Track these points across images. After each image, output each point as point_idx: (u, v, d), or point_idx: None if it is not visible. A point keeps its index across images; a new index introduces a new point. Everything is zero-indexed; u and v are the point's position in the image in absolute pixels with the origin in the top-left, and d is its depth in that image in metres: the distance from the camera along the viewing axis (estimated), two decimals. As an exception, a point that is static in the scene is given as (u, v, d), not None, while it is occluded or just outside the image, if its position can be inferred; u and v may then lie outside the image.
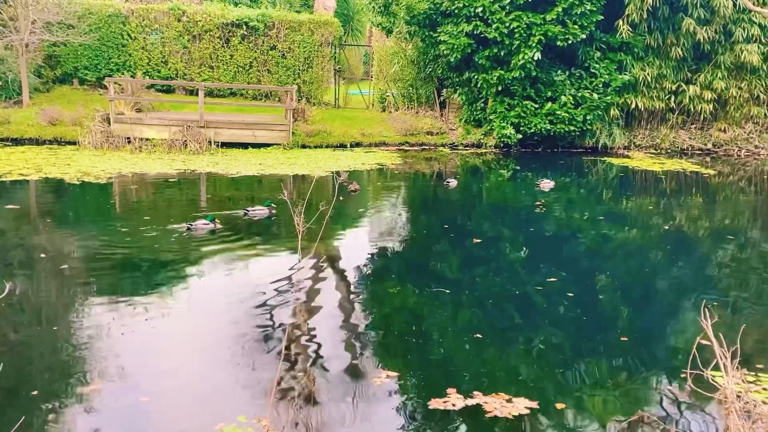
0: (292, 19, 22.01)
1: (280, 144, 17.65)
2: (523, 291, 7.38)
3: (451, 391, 4.80)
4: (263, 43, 21.76)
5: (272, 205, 10.51)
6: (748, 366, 5.35)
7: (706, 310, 4.32)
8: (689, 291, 7.78)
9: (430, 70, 20.62)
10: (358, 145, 18.98)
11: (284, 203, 8.90)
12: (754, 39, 19.26)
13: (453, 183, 14.13)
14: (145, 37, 21.32)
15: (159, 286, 7.10)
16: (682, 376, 4.98)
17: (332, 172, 14.45)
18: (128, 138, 16.52)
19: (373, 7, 21.38)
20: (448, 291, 7.15)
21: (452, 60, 18.58)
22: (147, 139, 16.56)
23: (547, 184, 14.05)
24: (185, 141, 16.44)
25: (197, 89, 17.91)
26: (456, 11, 18.04)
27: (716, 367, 4.55)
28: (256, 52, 21.80)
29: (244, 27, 21.46)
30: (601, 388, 5.08)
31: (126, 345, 5.53)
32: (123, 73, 20.60)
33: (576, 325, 6.43)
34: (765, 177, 17.11)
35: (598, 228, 10.99)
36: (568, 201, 13.26)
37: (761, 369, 5.32)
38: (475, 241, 9.41)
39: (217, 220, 9.50)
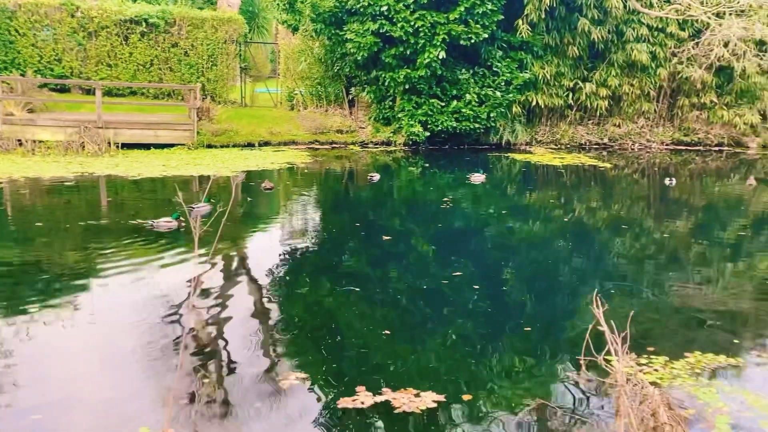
0: (194, 15, 21.41)
1: (184, 144, 17.16)
2: (431, 286, 7.49)
3: (360, 389, 4.81)
4: (164, 40, 21.04)
5: (212, 201, 10.38)
6: (641, 349, 5.66)
7: (598, 298, 4.53)
8: (589, 280, 8.13)
9: (338, 68, 20.60)
10: (266, 144, 18.72)
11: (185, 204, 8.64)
12: (643, 39, 20.40)
13: (376, 177, 14.35)
14: (35, 34, 20.13)
15: (56, 294, 6.73)
16: (580, 362, 5.20)
17: (234, 173, 14.17)
18: (19, 140, 15.58)
19: (278, 4, 21.17)
20: (357, 289, 7.16)
21: (359, 58, 18.65)
22: (40, 141, 15.68)
23: (477, 178, 14.45)
24: (82, 143, 15.70)
25: (94, 88, 17.11)
26: (361, 9, 18.10)
27: (610, 353, 4.79)
28: (157, 49, 21.06)
29: (144, 24, 20.67)
30: (505, 378, 5.23)
31: (19, 359, 5.21)
32: (11, 72, 19.38)
33: (482, 317, 6.59)
34: (656, 169, 18.15)
35: (504, 222, 11.32)
36: (474, 196, 13.58)
37: (652, 352, 5.62)
38: (385, 238, 9.47)
39: (181, 219, 9.33)
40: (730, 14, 20.10)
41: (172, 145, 17.06)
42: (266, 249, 9.04)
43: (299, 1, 19.81)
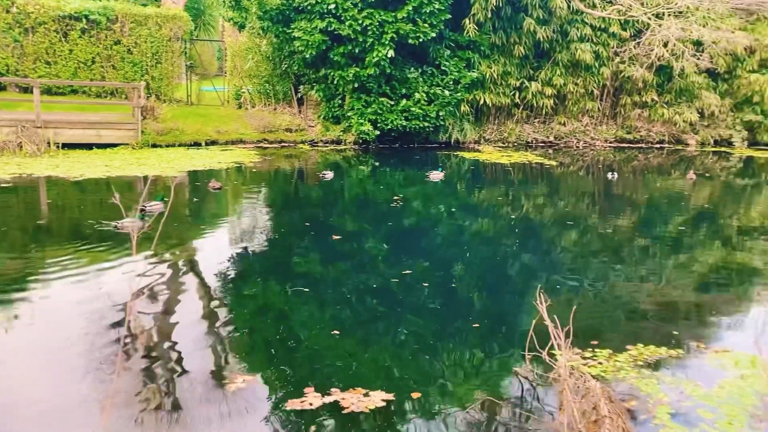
0: (137, 12, 20.86)
1: (128, 144, 16.71)
2: (381, 285, 7.48)
3: (309, 390, 4.76)
4: (106, 37, 20.44)
5: (165, 199, 10.21)
6: (587, 343, 5.77)
7: (540, 293, 4.59)
8: (537, 275, 8.26)
9: (286, 66, 20.41)
10: (213, 143, 18.42)
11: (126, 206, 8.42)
12: (586, 38, 20.85)
13: (329, 175, 14.33)
14: (-32, 30, 19.31)
15: (-12, 302, 6.46)
16: (527, 358, 5.27)
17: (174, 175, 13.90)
18: (-50, 141, 14.93)
19: (224, 1, 20.82)
20: (307, 289, 7.10)
21: (308, 56, 18.51)
22: (-26, 142, 15.05)
23: (436, 175, 14.60)
24: (20, 143, 15.11)
25: (32, 86, 16.50)
26: (309, 7, 17.96)
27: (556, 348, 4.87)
28: (98, 46, 20.43)
29: (84, 20, 20.02)
30: (454, 375, 5.26)
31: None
32: (-59, 69, 18.55)
33: (432, 314, 6.61)
34: (600, 167, 18.58)
35: (453, 220, 11.40)
36: (424, 195, 13.65)
37: (597, 345, 5.74)
38: (335, 237, 9.42)
39: (146, 219, 9.21)
40: (669, 15, 20.73)
41: (115, 145, 16.60)
42: (215, 250, 8.88)
43: (246, -2, 19.55)
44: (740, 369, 5.32)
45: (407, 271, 7.86)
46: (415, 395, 4.80)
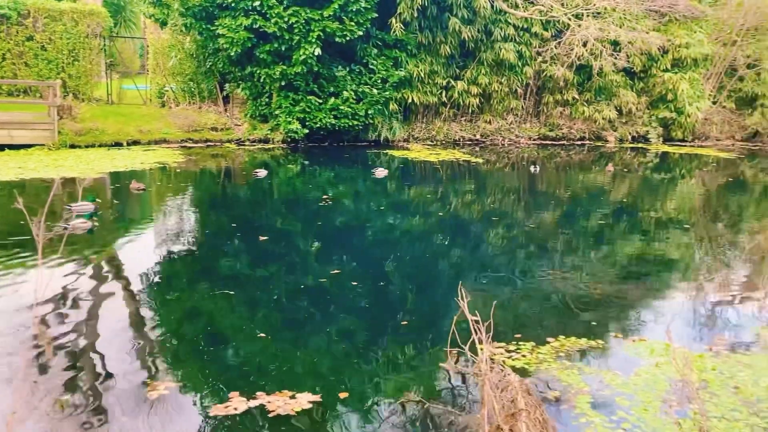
0: (51, 7, 19.97)
1: (44, 145, 15.98)
2: (310, 285, 7.42)
3: (233, 394, 4.66)
4: (18, 33, 19.49)
5: (97, 200, 10.07)
6: (511, 336, 5.89)
7: (462, 290, 4.65)
8: (465, 271, 8.38)
9: (211, 63, 19.99)
10: (136, 143, 17.86)
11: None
12: (510, 38, 21.32)
13: (262, 173, 14.25)
14: None
15: None
16: (449, 354, 5.33)
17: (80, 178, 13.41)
18: None
19: (145, -3, 20.20)
20: (233, 292, 6.96)
21: (233, 54, 18.19)
22: None
23: (381, 172, 14.83)
24: None
25: (-64, 84, 15.57)
26: (233, 4, 17.65)
27: (480, 343, 4.95)
28: (9, 42, 19.47)
29: (-7, 14, 19.05)
30: (381, 373, 5.26)
31: None
32: None
33: (360, 313, 6.60)
34: (524, 163, 19.03)
35: (383, 218, 11.43)
36: (354, 193, 13.64)
37: (520, 338, 5.86)
38: (262, 238, 9.28)
39: (94, 218, 9.23)
40: (588, 16, 21.46)
41: (30, 146, 15.86)
42: (138, 253, 8.59)
43: (167, -6, 19.04)
44: (655, 357, 5.55)
45: (336, 271, 7.83)
46: (343, 395, 4.78)
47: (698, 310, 7.13)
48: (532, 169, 16.74)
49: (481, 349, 4.07)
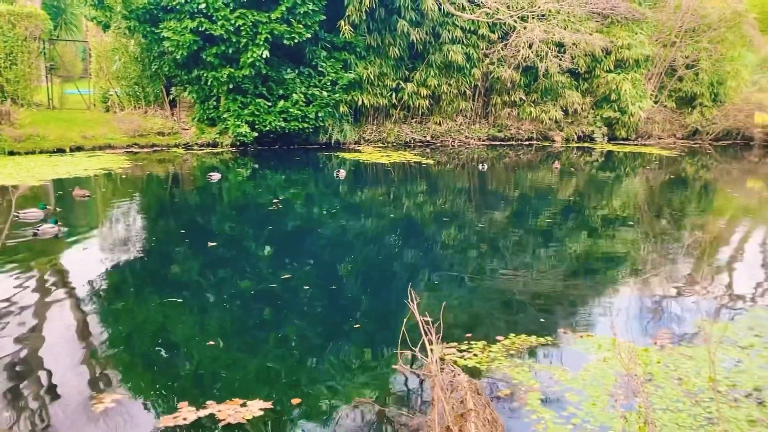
0: (-13, 9, 19.27)
1: (-20, 152, 15.40)
2: (260, 291, 7.33)
3: (182, 404, 4.57)
4: (-50, 35, 18.74)
5: (47, 207, 9.94)
6: (462, 336, 5.93)
7: (411, 291, 4.67)
8: (417, 273, 8.40)
9: (156, 67, 19.60)
10: (79, 149, 17.38)
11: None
12: (458, 40, 21.53)
13: (215, 177, 14.15)
14: None
15: None
16: (400, 356, 5.34)
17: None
18: None
19: (86, 0, 19.66)
20: (180, 300, 6.82)
21: (179, 57, 17.87)
22: None
23: (342, 173, 15.23)
24: None
25: None
26: (178, 7, 17.36)
27: (432, 344, 4.97)
28: (-58, 46, 18.70)
29: (-77, 17, 18.26)
30: (333, 378, 5.23)
31: None
32: None
33: (312, 318, 6.55)
34: (474, 164, 19.24)
35: (335, 220, 11.38)
36: (305, 196, 13.55)
37: (471, 338, 5.91)
38: (210, 244, 9.13)
39: (60, 223, 9.18)
40: (533, 18, 21.85)
41: (-35, 154, 15.28)
42: (83, 262, 8.32)
43: (109, -4, 18.55)
44: (602, 352, 5.67)
45: (287, 276, 7.75)
46: (296, 401, 4.73)
47: (644, 304, 7.32)
48: (480, 167, 17.17)
49: (431, 351, 4.08)
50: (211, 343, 5.73)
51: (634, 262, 9.15)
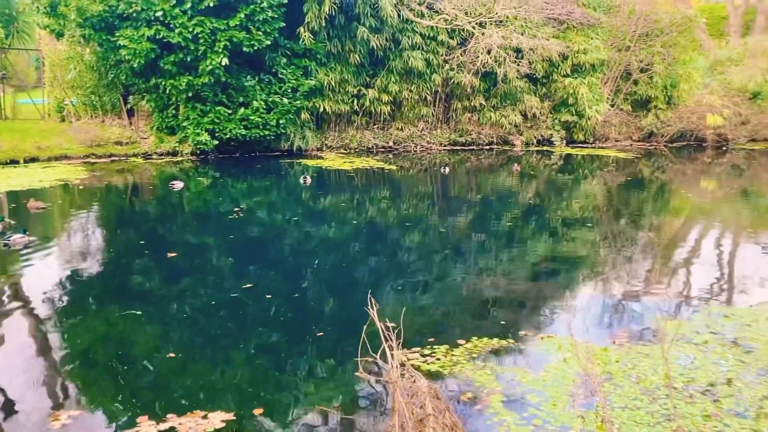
0: (-66, 17, 18.73)
1: (-71, 165, 14.94)
2: (221, 301, 7.25)
3: (142, 419, 4.49)
4: None
5: (6, 219, 9.86)
6: (425, 341, 5.96)
7: (371, 299, 4.68)
8: (381, 278, 8.41)
9: (113, 76, 19.28)
10: (33, 160, 17.00)
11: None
12: (417, 47, 21.66)
13: (178, 185, 13.96)
14: None
15: None
16: (360, 363, 5.34)
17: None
18: None
19: (38, 7, 19.24)
20: (139, 312, 6.71)
21: (136, 66, 17.60)
22: None
23: (306, 180, 15.25)
24: None
25: None
26: (134, 15, 17.10)
27: (397, 350, 5.00)
28: None
29: None
30: (295, 387, 5.20)
31: None
32: None
33: (274, 327, 6.51)
34: (436, 169, 19.36)
35: (298, 228, 11.33)
36: (267, 204, 13.46)
37: (434, 342, 5.95)
38: (170, 255, 9.01)
39: (28, 233, 9.14)
40: (491, 24, 22.13)
41: None
42: (39, 275, 8.12)
43: (62, 4, 18.13)
44: (562, 352, 5.76)
45: (249, 285, 7.69)
46: (258, 411, 4.70)
47: (603, 304, 7.46)
48: (443, 169, 17.52)
49: (392, 356, 4.10)
50: (171, 354, 5.65)
51: (594, 262, 9.32)
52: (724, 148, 25.85)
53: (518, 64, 21.92)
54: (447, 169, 17.98)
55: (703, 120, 25.81)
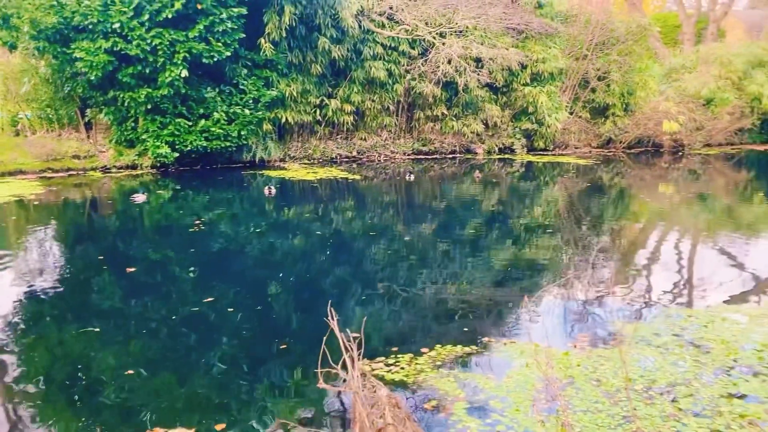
0: None
1: None
2: (182, 316, 7.14)
3: (100, 439, 4.39)
4: None
5: None
6: (389, 350, 5.95)
7: (331, 309, 4.66)
8: (346, 289, 8.37)
9: (70, 88, 18.91)
10: (-14, 176, 16.53)
11: None
12: (379, 57, 21.78)
13: (140, 198, 13.75)
14: None
15: None
16: (320, 374, 5.30)
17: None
18: None
19: (-11, 19, 18.79)
20: (97, 329, 6.56)
21: (93, 78, 17.31)
22: None
23: (271, 190, 15.14)
24: None
25: None
26: (91, 27, 16.84)
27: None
28: None
29: None
30: (258, 400, 5.14)
31: None
32: None
33: (236, 341, 6.42)
34: (399, 178, 19.43)
35: (261, 240, 11.23)
36: (230, 216, 13.33)
37: (398, 351, 5.94)
38: (129, 270, 8.84)
39: None
40: (451, 34, 22.37)
41: None
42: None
43: (15, 16, 17.75)
44: (524, 358, 5.80)
45: (210, 299, 7.59)
46: (219, 426, 4.62)
47: (565, 309, 7.55)
48: (407, 176, 17.88)
49: (353, 367, 4.08)
50: (131, 372, 5.53)
51: (556, 267, 9.43)
52: (681, 154, 26.51)
53: (478, 74, 22.17)
54: (411, 176, 18.17)
55: (659, 126, 26.45)
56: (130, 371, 5.55)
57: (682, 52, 36.57)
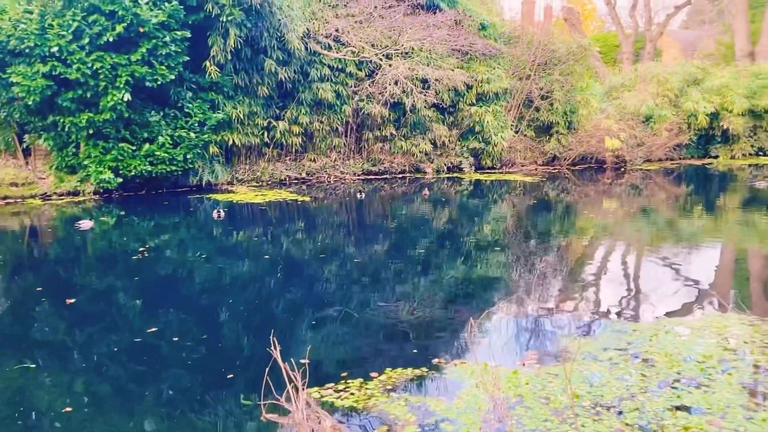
0: None
1: None
2: (123, 348, 6.90)
3: (34, 483, 4.17)
4: None
5: None
6: (337, 376, 5.87)
7: (273, 339, 4.57)
8: (295, 314, 8.25)
9: (6, 114, 18.28)
10: None
11: None
12: (327, 78, 21.81)
13: (86, 224, 13.40)
14: None
15: None
16: (263, 406, 5.19)
17: None
18: None
19: None
20: (33, 365, 6.29)
21: (30, 103, 16.81)
22: None
23: (220, 214, 15.03)
24: None
25: None
26: (28, 51, 16.38)
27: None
28: None
29: None
30: (207, 433, 5.00)
31: None
32: None
33: (180, 372, 6.24)
34: (348, 199, 19.40)
35: (208, 266, 11.01)
36: (176, 242, 13.04)
37: (348, 376, 5.87)
38: (69, 302, 8.53)
39: None
40: (397, 56, 22.59)
41: None
42: None
43: (-52, 39, 17.17)
44: (474, 378, 5.80)
45: (154, 329, 7.37)
46: (163, 464, 4.46)
47: (514, 326, 7.60)
48: (358, 195, 18.38)
49: (296, 397, 4.00)
50: (69, 409, 5.30)
51: (505, 285, 9.51)
52: (623, 170, 27.25)
53: (425, 94, 22.41)
54: (363, 194, 18.42)
55: (601, 143, 27.15)
56: (68, 408, 5.32)
57: (621, 71, 37.77)
